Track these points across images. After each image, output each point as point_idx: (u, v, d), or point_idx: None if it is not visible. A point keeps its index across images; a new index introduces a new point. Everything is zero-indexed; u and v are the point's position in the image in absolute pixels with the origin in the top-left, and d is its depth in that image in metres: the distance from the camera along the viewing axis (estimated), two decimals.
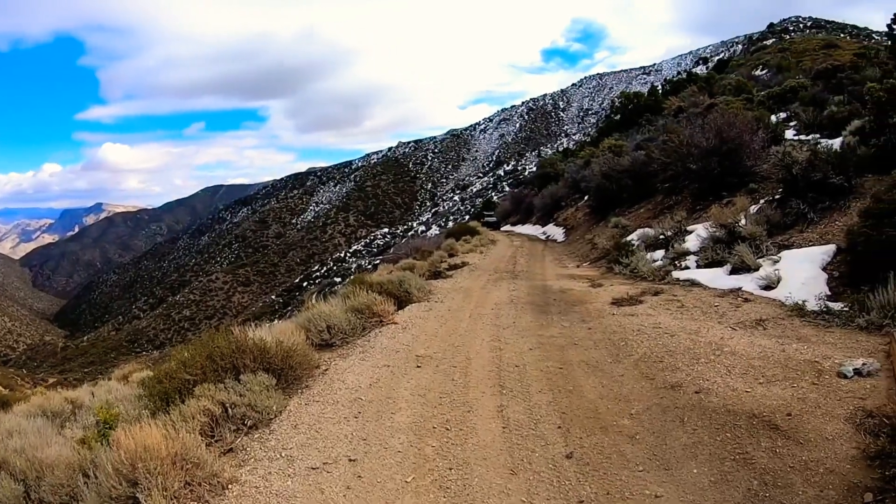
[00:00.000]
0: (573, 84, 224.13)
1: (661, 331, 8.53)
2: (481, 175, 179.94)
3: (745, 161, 16.61)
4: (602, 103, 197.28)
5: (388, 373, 7.79)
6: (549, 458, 5.46)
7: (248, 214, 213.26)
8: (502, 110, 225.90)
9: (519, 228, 44.20)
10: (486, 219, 50.98)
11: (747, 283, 10.65)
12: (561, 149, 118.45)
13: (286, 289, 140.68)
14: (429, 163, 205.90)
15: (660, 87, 71.77)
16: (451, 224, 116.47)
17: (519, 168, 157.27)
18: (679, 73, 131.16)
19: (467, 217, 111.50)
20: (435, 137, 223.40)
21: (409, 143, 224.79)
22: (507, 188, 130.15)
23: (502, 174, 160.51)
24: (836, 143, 14.92)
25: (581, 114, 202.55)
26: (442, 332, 9.66)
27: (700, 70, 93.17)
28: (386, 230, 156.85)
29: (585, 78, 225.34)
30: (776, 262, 10.85)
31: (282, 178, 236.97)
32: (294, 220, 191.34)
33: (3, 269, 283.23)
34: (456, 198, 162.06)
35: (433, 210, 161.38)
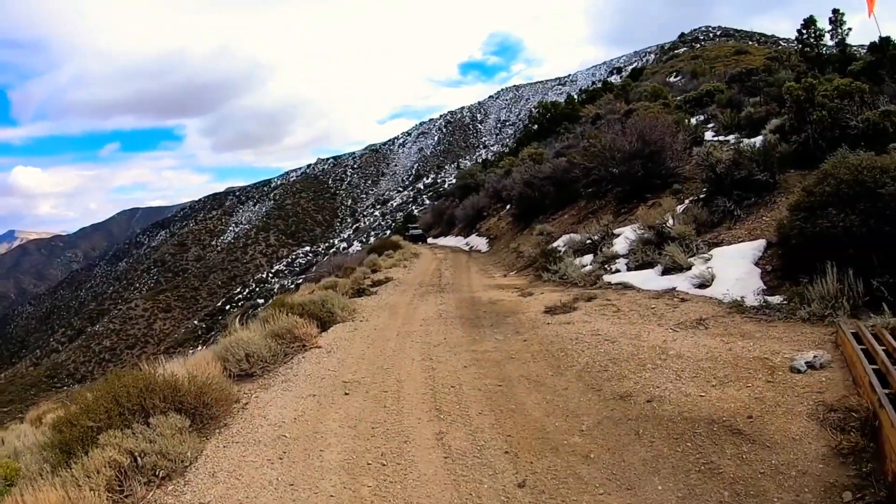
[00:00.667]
0: (490, 96, 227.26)
1: (600, 338, 8.10)
2: (401, 189, 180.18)
3: (667, 163, 16.69)
4: (519, 114, 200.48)
5: (313, 403, 7.08)
6: (500, 488, 4.90)
7: (166, 237, 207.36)
8: (421, 124, 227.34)
9: (442, 240, 43.89)
10: (412, 231, 49.32)
11: (681, 282, 10.49)
12: (480, 160, 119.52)
13: (208, 313, 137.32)
14: (348, 178, 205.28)
15: (576, 96, 72.88)
16: (372, 239, 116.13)
17: (438, 181, 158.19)
18: (594, 83, 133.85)
19: (389, 231, 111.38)
20: (354, 153, 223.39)
21: (327, 159, 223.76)
22: (427, 201, 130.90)
23: (422, 187, 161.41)
24: (757, 141, 15.10)
25: (498, 125, 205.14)
26: (369, 353, 9.00)
27: (615, 79, 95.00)
28: (307, 248, 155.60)
29: (502, 90, 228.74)
30: (708, 259, 10.72)
31: (200, 199, 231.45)
32: (214, 242, 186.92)
33: None
34: (377, 213, 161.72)
35: (354, 226, 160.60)
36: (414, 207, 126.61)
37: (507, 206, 32.75)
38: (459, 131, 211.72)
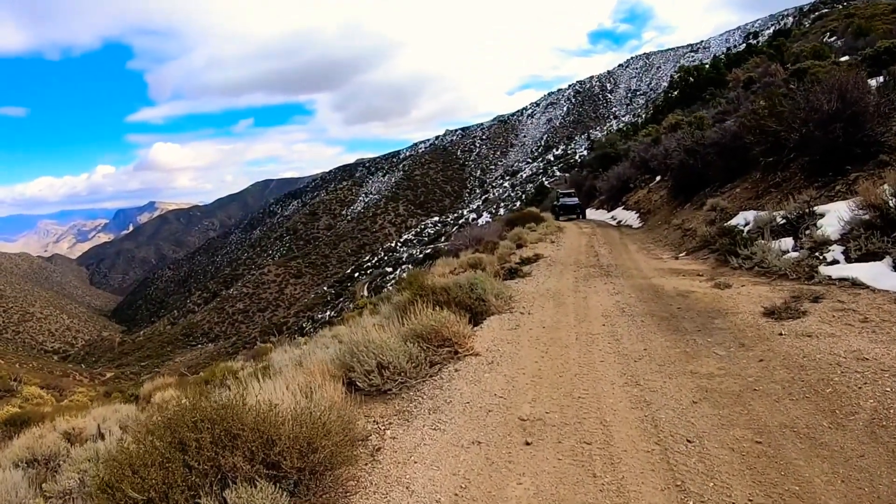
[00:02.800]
0: (620, 65, 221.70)
1: (871, 366, 5.80)
2: (530, 160, 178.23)
3: (868, 129, 13.73)
4: (650, 83, 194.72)
5: (481, 461, 4.96)
6: None
7: (298, 207, 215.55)
8: (549, 94, 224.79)
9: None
10: (563, 201, 38.18)
11: None
12: (611, 130, 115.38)
13: (338, 279, 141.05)
14: (477, 150, 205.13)
15: (722, 58, 67.77)
16: (502, 211, 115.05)
17: (569, 152, 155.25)
18: (728, 48, 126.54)
19: (519, 203, 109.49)
20: (482, 124, 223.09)
21: (456, 130, 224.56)
22: (557, 172, 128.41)
23: (552, 159, 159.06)
24: None
25: (629, 95, 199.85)
26: (547, 369, 6.98)
27: (754, 43, 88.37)
28: (436, 219, 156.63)
29: (632, 58, 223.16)
30: None
31: (331, 170, 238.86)
32: (344, 212, 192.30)
33: (61, 268, 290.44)
34: (506, 184, 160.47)
35: (483, 197, 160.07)
36: (544, 178, 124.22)
37: (658, 178, 29.94)
38: (589, 101, 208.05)
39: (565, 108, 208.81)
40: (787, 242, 12.26)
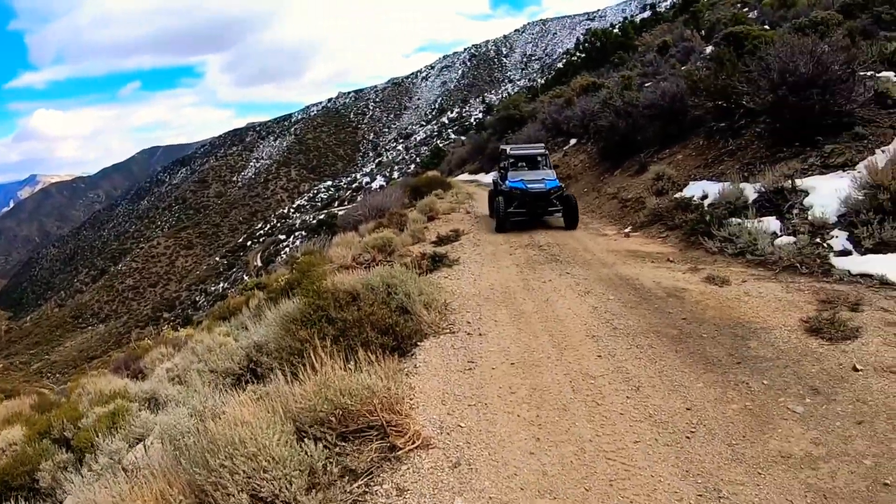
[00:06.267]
0: (516, 30, 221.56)
1: None
2: (424, 123, 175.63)
3: (840, 97, 12.09)
4: (546, 49, 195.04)
5: None
6: None
7: (187, 175, 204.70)
8: (445, 57, 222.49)
9: (486, 177, 38.62)
10: (520, 179, 15.84)
11: None
12: (508, 94, 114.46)
13: (230, 249, 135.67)
14: (370, 112, 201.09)
15: (630, 24, 67.08)
16: (396, 174, 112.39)
17: (464, 115, 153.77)
18: (625, 18, 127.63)
19: (413, 167, 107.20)
20: (376, 86, 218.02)
21: (349, 93, 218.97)
22: (453, 135, 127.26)
23: (446, 122, 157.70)
24: None
25: (524, 59, 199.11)
26: (554, 470, 4.19)
27: (648, 15, 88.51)
28: (329, 183, 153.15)
29: (529, 24, 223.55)
30: None
31: (220, 135, 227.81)
32: (234, 178, 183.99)
33: None
34: (399, 147, 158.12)
35: (376, 161, 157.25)
36: (439, 141, 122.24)
37: (574, 141, 27.81)
38: (484, 65, 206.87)
39: (460, 72, 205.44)
40: (772, 223, 10.14)
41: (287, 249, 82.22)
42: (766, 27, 28.74)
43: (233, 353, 8.12)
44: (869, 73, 13.09)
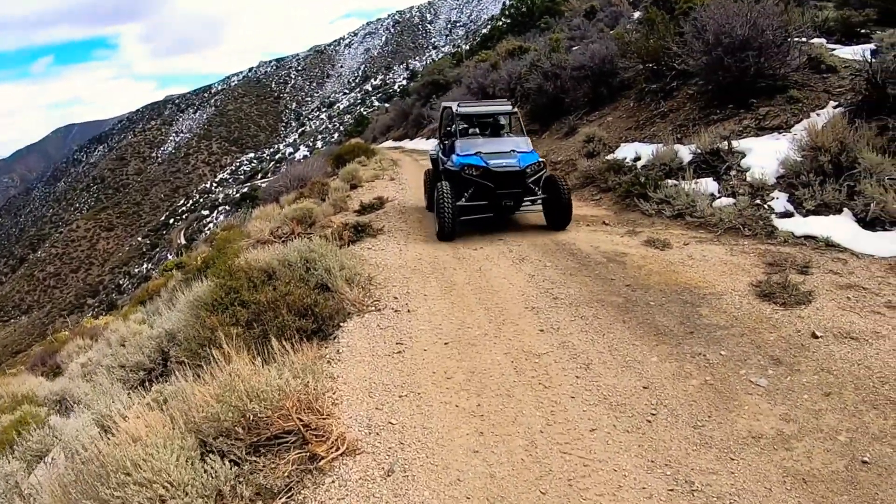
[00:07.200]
0: None
1: None
2: (347, 91, 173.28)
3: (776, 61, 12.14)
4: (470, 15, 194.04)
5: None
6: None
7: (105, 152, 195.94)
8: (368, 24, 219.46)
9: (410, 144, 37.89)
10: (478, 152, 10.21)
11: None
12: (433, 60, 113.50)
13: (152, 228, 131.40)
14: (292, 81, 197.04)
15: None
16: (320, 144, 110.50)
17: (388, 82, 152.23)
18: None
19: (336, 135, 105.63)
20: (298, 54, 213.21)
21: (270, 61, 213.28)
22: (376, 103, 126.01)
23: (370, 89, 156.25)
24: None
25: (449, 26, 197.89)
26: (499, 464, 3.65)
27: None
28: (252, 155, 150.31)
29: None
30: None
31: (138, 110, 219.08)
32: (154, 154, 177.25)
33: None
34: (323, 116, 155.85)
35: (300, 130, 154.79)
36: (362, 109, 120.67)
37: None
38: (408, 32, 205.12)
39: (384, 38, 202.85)
40: (709, 184, 9.82)
41: (211, 225, 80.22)
42: None
43: (143, 345, 7.28)
44: (803, 40, 13.00)
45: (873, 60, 9.74)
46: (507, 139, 10.95)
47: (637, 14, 25.45)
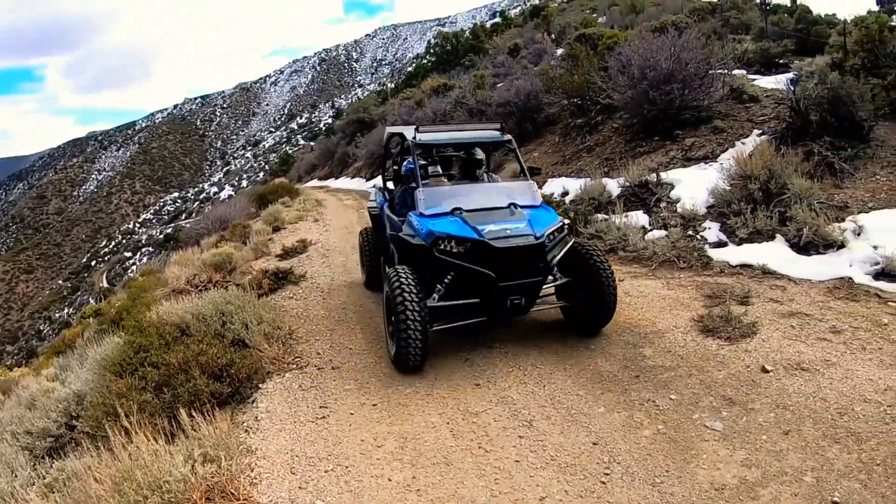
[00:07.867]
0: (367, 35, 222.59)
1: None
2: (273, 129, 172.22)
3: (699, 93, 12.52)
4: (396, 53, 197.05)
5: None
6: None
7: (24, 190, 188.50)
8: (294, 62, 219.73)
9: (336, 183, 37.36)
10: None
11: (846, 268, 6.62)
12: (358, 98, 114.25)
13: (73, 271, 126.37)
14: (217, 119, 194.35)
15: (481, 27, 68.13)
16: (245, 183, 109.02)
17: (313, 120, 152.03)
18: (475, 24, 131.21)
19: (262, 174, 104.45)
20: (223, 92, 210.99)
21: (195, 98, 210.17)
22: (302, 141, 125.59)
23: (296, 127, 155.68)
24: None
25: (375, 64, 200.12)
26: None
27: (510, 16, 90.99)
28: (176, 194, 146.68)
29: (380, 29, 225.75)
30: (858, 233, 7.06)
31: (59, 146, 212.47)
32: (76, 192, 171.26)
33: None
34: (248, 155, 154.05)
35: (224, 169, 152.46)
36: (288, 148, 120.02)
37: None
38: (334, 70, 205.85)
39: (310, 76, 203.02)
40: (640, 217, 9.73)
41: (133, 267, 77.74)
42: (616, 30, 29.60)
43: (50, 408, 6.56)
44: (724, 71, 13.26)
45: (796, 88, 9.98)
46: (493, 185, 7.24)
47: (560, 51, 25.83)
